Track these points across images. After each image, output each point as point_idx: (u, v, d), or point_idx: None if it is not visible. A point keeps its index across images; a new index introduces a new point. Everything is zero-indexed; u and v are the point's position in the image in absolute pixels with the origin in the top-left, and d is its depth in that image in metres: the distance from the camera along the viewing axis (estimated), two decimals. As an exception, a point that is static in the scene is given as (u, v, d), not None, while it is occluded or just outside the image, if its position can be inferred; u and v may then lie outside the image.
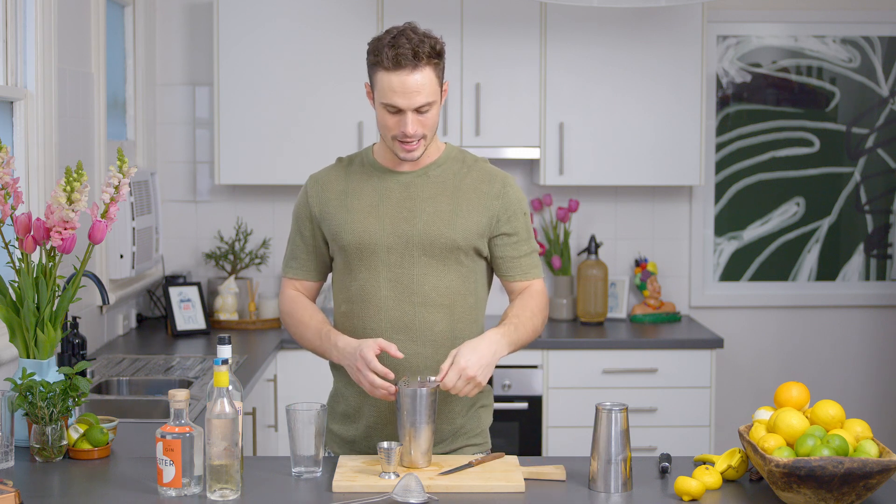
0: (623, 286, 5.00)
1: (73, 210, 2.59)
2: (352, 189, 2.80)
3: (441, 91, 2.79)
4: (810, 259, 5.18)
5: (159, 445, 2.35)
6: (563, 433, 4.51)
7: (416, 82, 2.71)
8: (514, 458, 2.61)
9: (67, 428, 2.64)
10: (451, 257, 2.77)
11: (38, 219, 2.64)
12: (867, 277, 5.19)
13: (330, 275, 2.92)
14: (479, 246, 2.83)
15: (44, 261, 2.65)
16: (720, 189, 5.12)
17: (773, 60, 5.10)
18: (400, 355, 2.62)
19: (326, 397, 3.10)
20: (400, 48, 2.75)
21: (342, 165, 2.87)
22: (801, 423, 2.36)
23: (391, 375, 2.59)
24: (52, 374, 2.68)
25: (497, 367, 4.50)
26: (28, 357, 2.67)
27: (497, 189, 2.86)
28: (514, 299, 2.90)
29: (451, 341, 2.75)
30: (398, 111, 2.72)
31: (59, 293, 2.72)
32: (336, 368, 2.93)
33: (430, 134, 2.74)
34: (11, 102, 3.43)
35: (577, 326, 4.81)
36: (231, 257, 4.89)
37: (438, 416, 2.73)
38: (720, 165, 5.12)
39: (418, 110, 2.71)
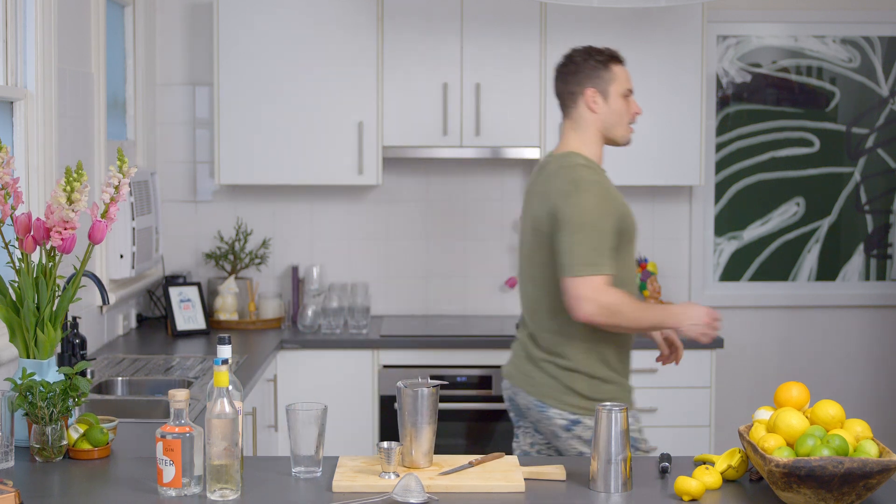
0: (623, 286, 4.99)
1: (73, 210, 2.59)
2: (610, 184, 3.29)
3: None
4: (810, 259, 5.18)
5: (159, 445, 2.35)
6: (563, 433, 4.51)
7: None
8: (514, 458, 2.61)
9: (67, 428, 2.64)
10: None
11: (38, 219, 2.64)
12: (867, 277, 5.19)
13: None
14: None
15: (44, 261, 2.65)
16: (720, 189, 5.13)
17: (773, 60, 5.10)
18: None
19: (326, 397, 3.10)
20: (616, 52, 3.33)
21: (601, 173, 3.31)
22: (801, 423, 2.36)
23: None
24: (52, 374, 2.68)
25: (497, 367, 4.51)
26: (28, 357, 2.67)
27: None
28: None
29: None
30: (630, 94, 3.30)
31: (59, 293, 2.72)
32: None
33: None
34: (11, 102, 3.43)
35: (577, 326, 4.80)
36: (231, 257, 4.89)
37: None
38: (720, 165, 5.12)
39: None
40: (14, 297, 2.65)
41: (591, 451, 2.77)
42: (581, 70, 3.26)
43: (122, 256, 4.23)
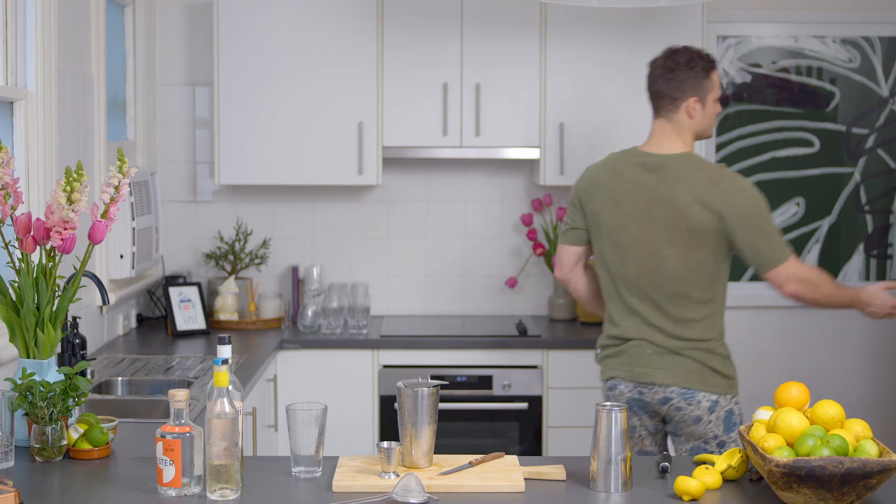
0: (623, 286, 4.99)
1: (73, 210, 2.59)
2: None
3: None
4: (810, 259, 5.18)
5: (159, 445, 2.35)
6: (563, 433, 4.51)
7: None
8: (514, 458, 2.61)
9: (67, 428, 2.64)
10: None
11: (38, 219, 2.64)
12: (867, 277, 5.19)
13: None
14: None
15: (44, 261, 2.65)
16: (720, 189, 5.12)
17: (773, 61, 5.10)
18: None
19: (326, 397, 3.11)
20: (706, 51, 3.53)
21: None
22: (801, 423, 2.36)
23: None
24: (52, 374, 2.68)
25: (497, 367, 4.52)
26: (28, 357, 2.67)
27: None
28: None
29: None
30: (718, 99, 3.51)
31: (59, 293, 2.72)
32: None
33: None
34: (11, 102, 3.43)
35: (577, 326, 4.81)
36: (231, 257, 4.89)
37: None
38: (720, 165, 5.12)
39: None
40: (14, 297, 2.65)
41: (724, 432, 3.40)
42: (687, 79, 3.44)
43: (122, 256, 4.23)
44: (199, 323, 4.63)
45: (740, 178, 3.41)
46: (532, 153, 4.70)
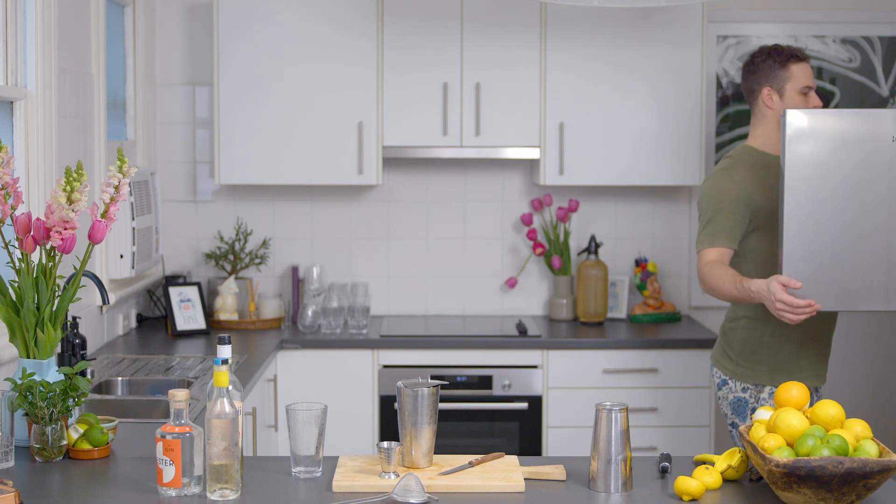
0: (623, 286, 5.00)
1: (73, 210, 2.59)
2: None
3: None
4: (810, 259, 5.17)
5: (159, 445, 2.35)
6: (563, 433, 4.51)
7: (811, 69, 3.67)
8: (514, 458, 2.61)
9: (67, 428, 2.64)
10: None
11: (38, 219, 2.64)
12: (867, 277, 5.18)
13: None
14: None
15: (44, 261, 2.65)
16: (720, 189, 5.12)
17: (773, 60, 5.10)
18: (800, 285, 3.23)
19: (326, 397, 3.11)
20: (797, 49, 3.66)
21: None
22: (801, 423, 2.36)
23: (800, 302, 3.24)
24: (52, 374, 2.68)
25: (497, 367, 4.52)
26: (28, 357, 2.67)
27: None
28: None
29: None
30: (809, 91, 3.62)
31: (59, 293, 2.72)
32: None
33: None
34: (11, 102, 3.43)
35: (577, 326, 4.81)
36: (231, 257, 4.89)
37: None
38: (720, 165, 5.11)
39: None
40: (14, 297, 2.65)
41: (733, 414, 3.51)
42: (759, 70, 3.65)
43: (122, 256, 4.23)
44: (199, 323, 4.63)
45: (714, 169, 3.64)
46: (532, 153, 4.70)
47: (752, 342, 3.58)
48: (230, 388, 2.39)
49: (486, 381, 4.51)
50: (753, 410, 3.56)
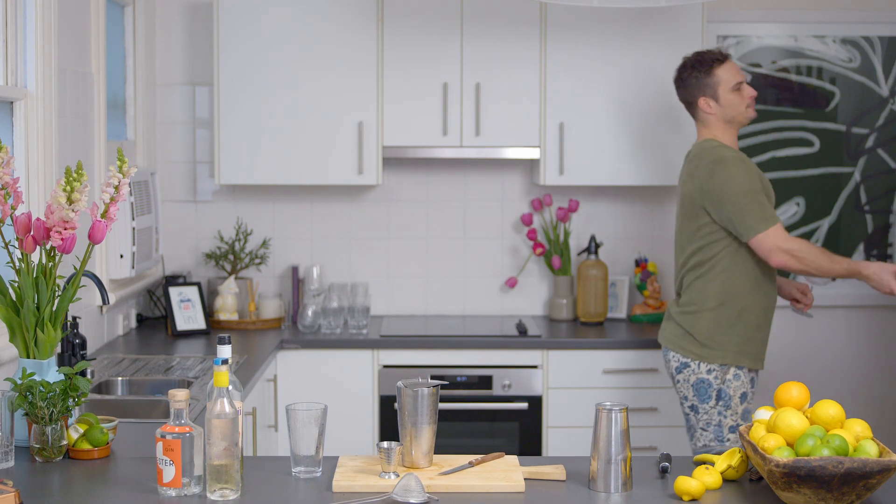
0: (623, 286, 5.00)
1: (73, 210, 2.59)
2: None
3: None
4: (810, 259, 5.18)
5: (159, 445, 2.35)
6: (563, 433, 4.51)
7: (736, 64, 3.89)
8: (514, 458, 2.61)
9: (67, 428, 2.64)
10: None
11: (38, 219, 2.64)
12: (867, 277, 5.19)
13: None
14: None
15: (44, 261, 2.65)
16: (720, 189, 5.12)
17: (773, 60, 5.10)
18: None
19: (326, 397, 3.12)
20: (716, 52, 3.86)
21: (733, 151, 3.82)
22: (801, 423, 2.36)
23: None
24: (52, 374, 2.68)
25: (497, 367, 4.52)
26: (28, 357, 2.67)
27: None
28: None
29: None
30: (741, 85, 3.82)
31: (59, 293, 2.72)
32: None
33: None
34: (11, 102, 3.43)
35: (577, 326, 4.81)
36: (231, 257, 4.89)
37: None
38: (720, 165, 5.11)
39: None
40: (14, 297, 2.65)
41: (694, 396, 3.71)
42: (689, 83, 3.87)
43: (122, 256, 4.23)
44: (199, 323, 4.63)
45: (723, 157, 3.76)
46: (532, 153, 4.70)
47: (722, 324, 3.77)
48: (230, 388, 2.39)
49: (486, 381, 4.51)
50: (718, 392, 3.75)
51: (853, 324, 5.17)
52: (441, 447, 3.07)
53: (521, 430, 4.51)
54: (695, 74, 3.85)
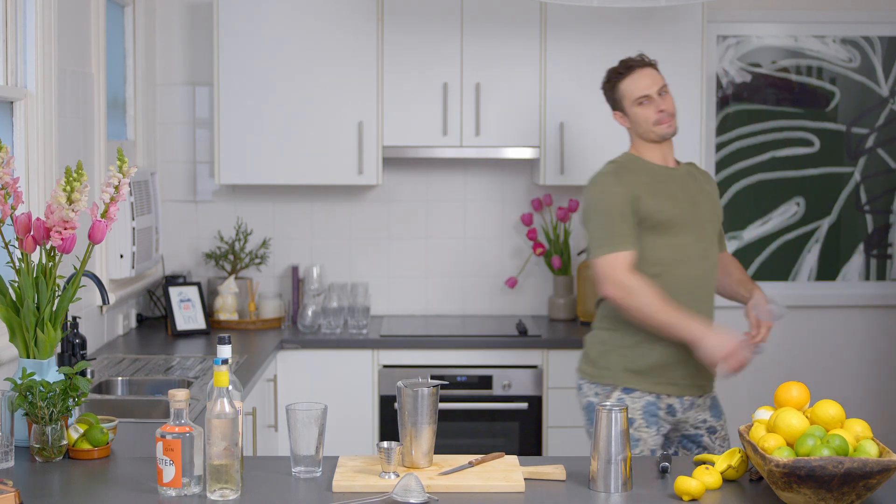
0: (623, 286, 4.99)
1: (73, 210, 2.59)
2: (650, 178, 3.47)
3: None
4: (810, 259, 5.18)
5: (159, 445, 2.35)
6: (563, 433, 4.51)
7: (649, 74, 3.54)
8: (514, 458, 2.61)
9: (67, 428, 2.64)
10: (716, 236, 3.57)
11: (38, 219, 2.64)
12: (867, 277, 5.19)
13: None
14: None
15: (44, 261, 2.65)
16: (720, 189, 5.12)
17: (773, 60, 5.10)
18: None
19: (326, 397, 3.12)
20: (627, 60, 3.56)
21: (625, 163, 3.54)
22: (801, 423, 2.36)
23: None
24: (52, 374, 2.68)
25: (497, 367, 4.51)
26: (28, 357, 2.67)
27: (714, 183, 3.67)
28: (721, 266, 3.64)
29: (711, 302, 3.50)
30: (648, 100, 3.49)
31: (59, 293, 2.72)
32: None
33: (674, 114, 3.53)
34: (11, 102, 3.43)
35: (577, 326, 4.80)
36: (231, 257, 4.89)
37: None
38: (720, 165, 5.12)
39: (660, 92, 3.51)
40: (14, 297, 2.65)
41: (587, 421, 3.45)
42: (605, 97, 3.65)
43: (122, 256, 4.23)
44: (199, 323, 4.63)
45: (595, 175, 3.55)
46: (532, 153, 4.70)
47: (609, 343, 3.48)
48: (230, 388, 2.39)
49: (486, 381, 4.51)
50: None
51: (853, 324, 5.17)
52: (441, 447, 3.07)
53: (520, 430, 4.51)
54: (605, 89, 3.61)
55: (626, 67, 3.53)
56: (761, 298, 3.45)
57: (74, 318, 3.45)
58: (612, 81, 3.56)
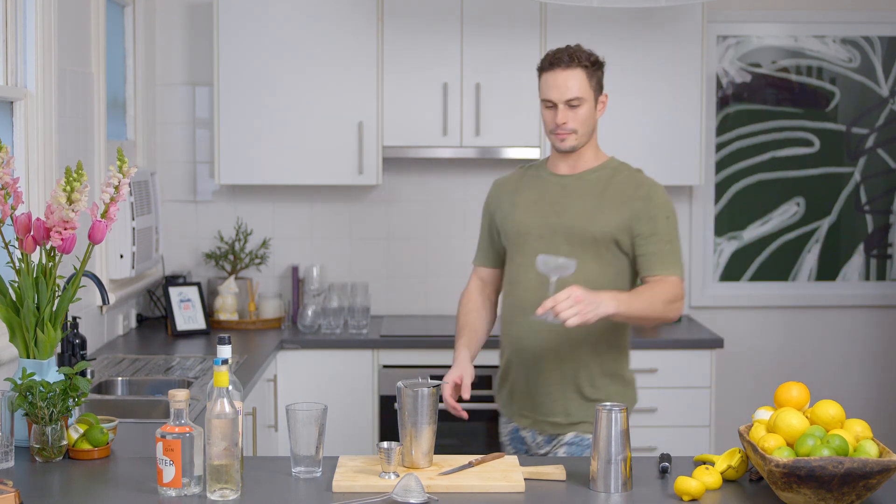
0: (623, 286, 4.99)
1: (73, 210, 2.59)
2: (521, 188, 3.23)
3: (596, 98, 3.16)
4: (810, 259, 5.18)
5: (159, 445, 2.35)
6: (563, 433, 4.50)
7: (567, 78, 3.08)
8: (514, 458, 2.61)
9: (67, 428, 2.64)
10: (591, 249, 3.09)
11: (38, 219, 2.64)
12: (867, 277, 5.19)
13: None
14: (618, 239, 3.10)
15: (44, 261, 2.65)
16: (720, 189, 5.12)
17: (773, 60, 5.10)
18: (463, 415, 3.17)
19: (326, 397, 3.14)
20: (558, 53, 3.13)
21: (522, 170, 3.30)
22: (801, 423, 2.36)
23: (462, 414, 3.15)
24: (52, 374, 2.68)
25: (497, 367, 4.50)
26: (28, 357, 2.67)
27: (642, 193, 3.13)
28: None
29: (584, 325, 2.88)
30: (554, 106, 3.10)
31: (59, 293, 2.72)
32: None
33: (581, 129, 3.11)
34: (11, 102, 3.43)
35: (577, 326, 4.80)
36: (231, 257, 4.89)
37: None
38: (720, 165, 5.12)
39: (569, 104, 3.08)
40: (14, 297, 2.65)
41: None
42: None
43: (122, 256, 4.23)
44: (199, 323, 4.63)
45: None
46: (532, 153, 4.70)
47: (502, 368, 3.38)
48: (230, 388, 2.39)
49: (485, 381, 4.50)
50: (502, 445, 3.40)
51: (853, 324, 5.17)
52: (441, 447, 3.07)
53: (521, 430, 4.51)
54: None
55: (549, 63, 3.12)
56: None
57: (74, 319, 3.45)
58: (540, 71, 3.17)
